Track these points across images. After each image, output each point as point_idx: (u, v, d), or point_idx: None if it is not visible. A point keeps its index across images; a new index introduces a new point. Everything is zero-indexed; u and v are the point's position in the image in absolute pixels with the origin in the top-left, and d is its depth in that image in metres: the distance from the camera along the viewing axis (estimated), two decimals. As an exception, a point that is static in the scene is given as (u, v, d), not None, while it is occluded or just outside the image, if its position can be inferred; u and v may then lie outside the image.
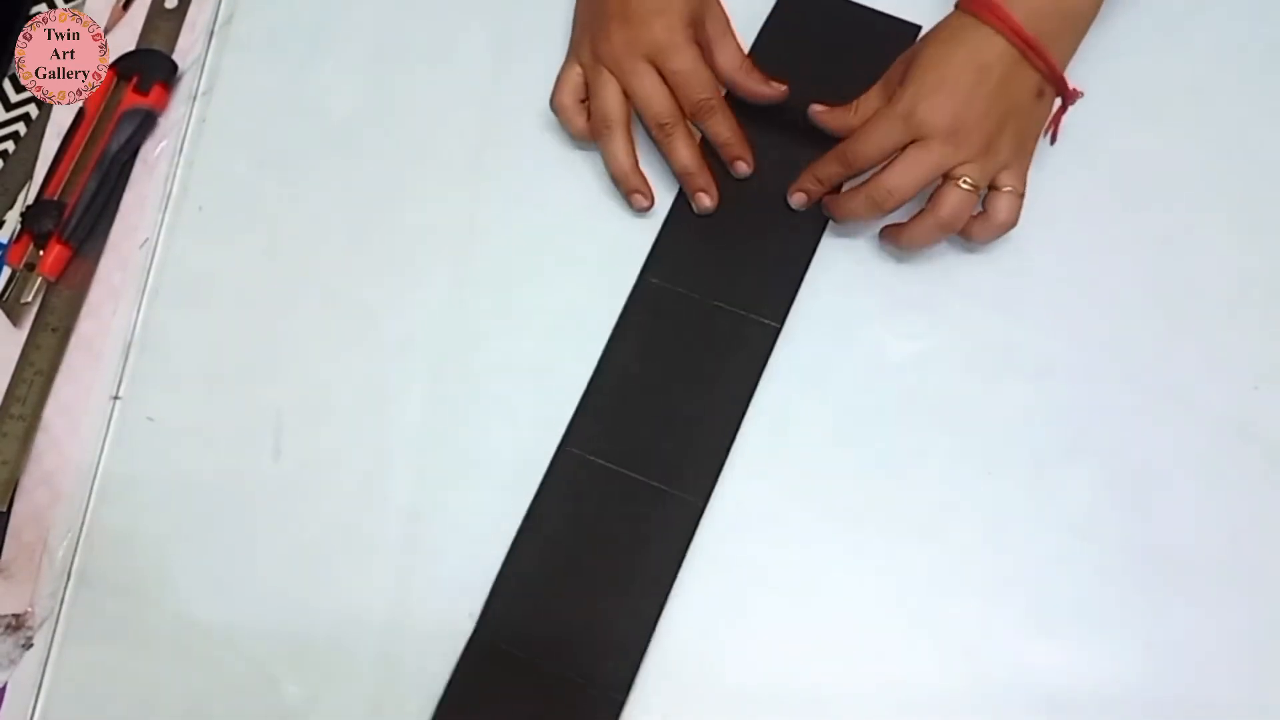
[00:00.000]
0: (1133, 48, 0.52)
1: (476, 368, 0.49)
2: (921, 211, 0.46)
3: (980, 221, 0.46)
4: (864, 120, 0.46)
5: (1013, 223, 0.46)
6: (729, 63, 0.50)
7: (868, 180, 0.46)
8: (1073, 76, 0.46)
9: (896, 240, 0.47)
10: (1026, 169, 0.47)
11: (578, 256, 0.50)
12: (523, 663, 0.43)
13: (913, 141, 0.45)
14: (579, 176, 0.52)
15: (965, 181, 0.45)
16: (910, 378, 0.47)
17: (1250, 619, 0.43)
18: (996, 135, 0.45)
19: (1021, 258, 0.49)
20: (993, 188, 0.46)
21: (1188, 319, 0.47)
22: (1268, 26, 0.52)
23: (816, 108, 0.48)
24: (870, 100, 0.48)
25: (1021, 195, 0.46)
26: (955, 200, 0.45)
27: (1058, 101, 0.48)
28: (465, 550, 0.46)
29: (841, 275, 0.49)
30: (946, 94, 0.44)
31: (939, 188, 0.45)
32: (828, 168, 0.47)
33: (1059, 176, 0.50)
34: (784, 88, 0.50)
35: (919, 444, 0.46)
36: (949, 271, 0.49)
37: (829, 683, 0.43)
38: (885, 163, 0.46)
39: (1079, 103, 0.47)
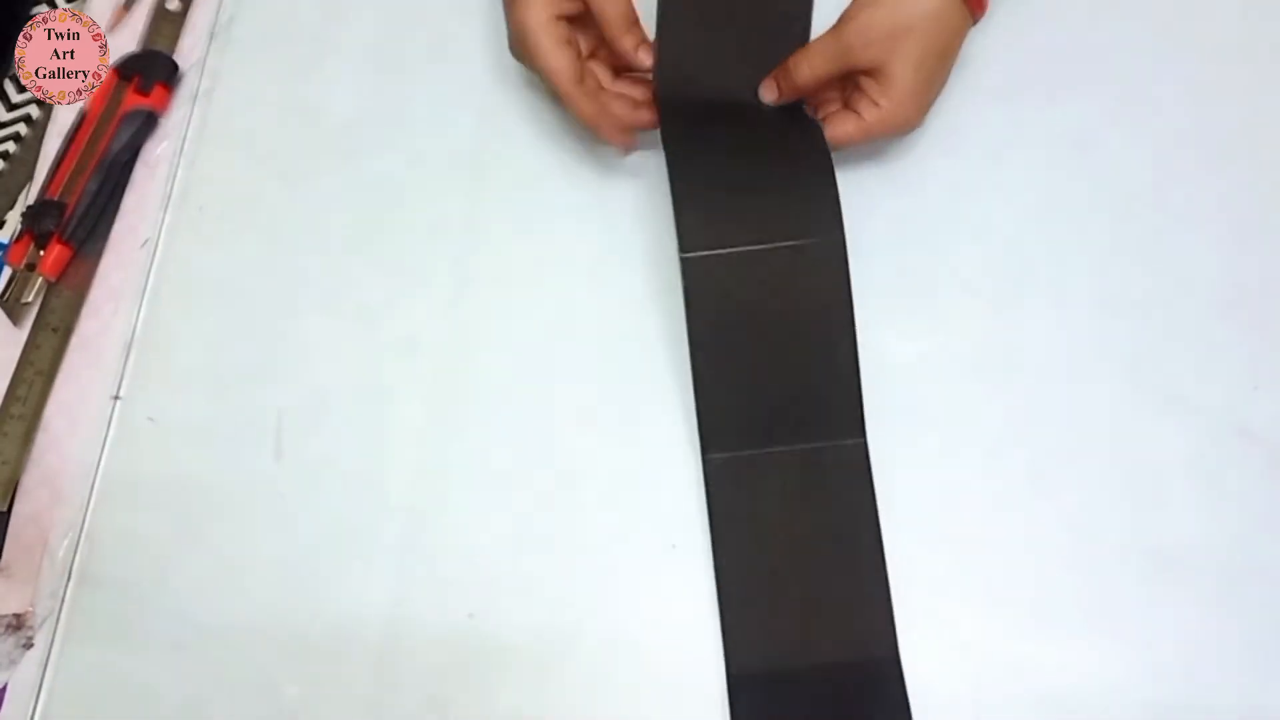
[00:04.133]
0: (1131, 47, 0.52)
1: (476, 368, 0.49)
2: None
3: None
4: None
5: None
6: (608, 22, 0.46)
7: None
8: (1070, 80, 0.46)
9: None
10: None
11: (577, 256, 0.50)
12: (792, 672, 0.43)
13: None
14: (579, 175, 0.52)
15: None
16: (910, 378, 0.47)
17: (1250, 619, 0.43)
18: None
19: (1021, 258, 0.49)
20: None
21: (1188, 319, 0.47)
22: (1268, 26, 0.52)
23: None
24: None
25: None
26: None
27: None
28: (465, 550, 0.46)
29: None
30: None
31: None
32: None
33: (1058, 175, 0.50)
34: (649, 63, 0.46)
35: (919, 444, 0.46)
36: (949, 271, 0.49)
37: (829, 683, 0.43)
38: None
39: (1078, 103, 0.47)
